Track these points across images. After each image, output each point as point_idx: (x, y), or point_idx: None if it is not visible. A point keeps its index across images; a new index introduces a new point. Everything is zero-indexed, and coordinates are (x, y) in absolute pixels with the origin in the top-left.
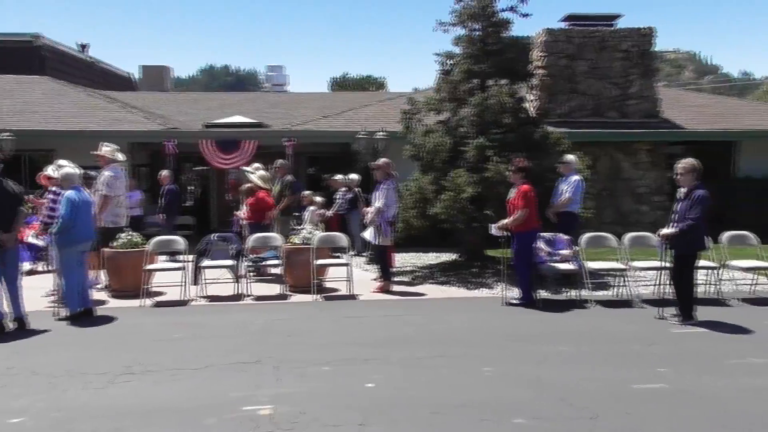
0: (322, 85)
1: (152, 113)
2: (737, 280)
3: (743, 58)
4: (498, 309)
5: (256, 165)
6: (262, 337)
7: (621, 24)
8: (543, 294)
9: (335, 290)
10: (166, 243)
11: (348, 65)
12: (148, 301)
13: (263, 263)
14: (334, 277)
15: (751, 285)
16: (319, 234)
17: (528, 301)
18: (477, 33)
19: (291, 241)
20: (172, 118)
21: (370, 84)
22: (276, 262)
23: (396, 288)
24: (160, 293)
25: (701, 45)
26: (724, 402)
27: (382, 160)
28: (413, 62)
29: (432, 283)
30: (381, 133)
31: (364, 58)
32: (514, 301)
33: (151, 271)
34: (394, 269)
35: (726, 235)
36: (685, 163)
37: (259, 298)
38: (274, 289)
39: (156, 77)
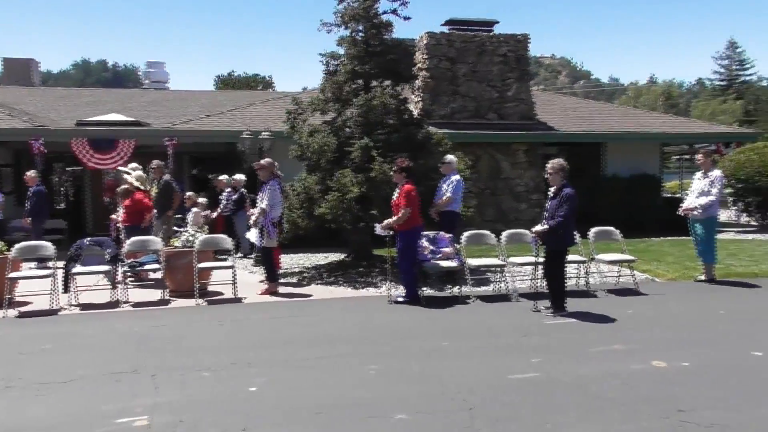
0: (207, 83)
1: (15, 109)
2: (604, 272)
3: (612, 65)
4: (383, 307)
5: (133, 165)
6: (139, 345)
7: (499, 30)
8: (427, 291)
9: (219, 294)
10: (31, 249)
11: (235, 63)
12: (12, 312)
13: (141, 268)
14: (219, 280)
15: (615, 277)
16: (202, 236)
17: (412, 299)
18: (360, 34)
19: (172, 243)
20: (39, 115)
21: (257, 83)
22: (155, 266)
23: (283, 290)
24: (26, 303)
25: (574, 52)
26: (588, 386)
27: (265, 160)
28: (303, 61)
29: (319, 283)
30: (266, 133)
31: (252, 57)
32: (399, 299)
33: (14, 279)
34: (281, 271)
35: (593, 231)
36: (554, 164)
37: (137, 304)
38: (155, 294)
39: (21, 71)
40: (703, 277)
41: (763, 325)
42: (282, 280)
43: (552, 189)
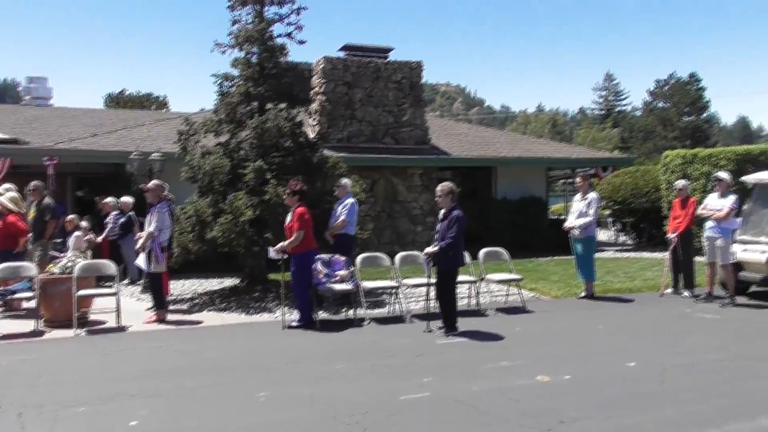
0: (96, 101)
1: None
2: (494, 291)
3: (503, 94)
4: (277, 333)
5: (6, 186)
6: (4, 380)
7: (394, 56)
8: (322, 315)
9: (101, 323)
10: None
11: (127, 82)
12: None
13: (12, 296)
14: (101, 308)
15: (504, 296)
16: (83, 261)
17: (307, 323)
18: (254, 56)
19: (49, 270)
20: None
21: (150, 102)
22: (29, 294)
23: (172, 317)
24: None
25: (468, 80)
26: (477, 403)
27: (153, 182)
28: (199, 82)
29: (211, 310)
30: (156, 154)
31: (146, 76)
32: (294, 324)
33: None
34: (170, 297)
35: (482, 252)
36: (443, 187)
37: (5, 336)
38: (27, 325)
39: None
40: (584, 294)
41: (637, 337)
42: (171, 307)
43: (442, 211)
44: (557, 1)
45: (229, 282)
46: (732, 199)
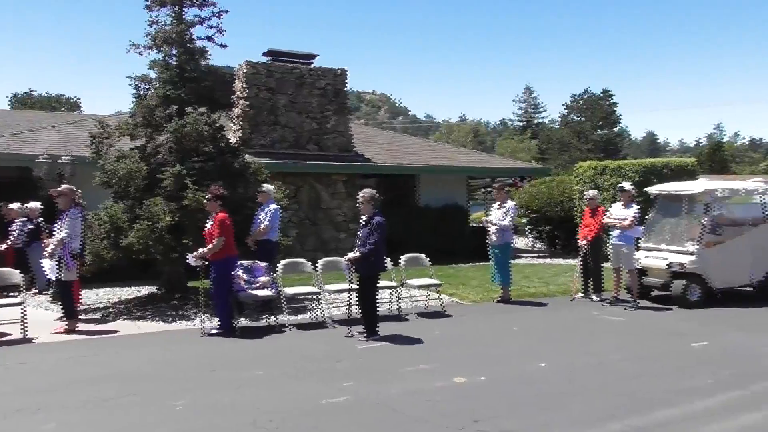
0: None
1: None
2: (414, 296)
3: (428, 103)
4: (196, 340)
5: None
6: None
7: (318, 63)
8: (243, 321)
9: (5, 335)
10: None
11: (35, 82)
12: None
13: None
14: (6, 319)
15: (425, 301)
16: None
17: (227, 330)
18: (174, 58)
19: None
20: None
21: (61, 104)
22: None
23: (84, 327)
24: None
25: (394, 89)
26: (395, 406)
27: (64, 187)
28: (115, 83)
29: (127, 318)
30: (67, 158)
31: (57, 76)
32: (213, 331)
33: None
34: (82, 306)
35: (404, 257)
36: (364, 194)
37: None
38: None
39: None
40: (500, 299)
41: (549, 339)
42: (83, 317)
43: (363, 218)
44: (480, 15)
45: (146, 290)
46: (635, 208)
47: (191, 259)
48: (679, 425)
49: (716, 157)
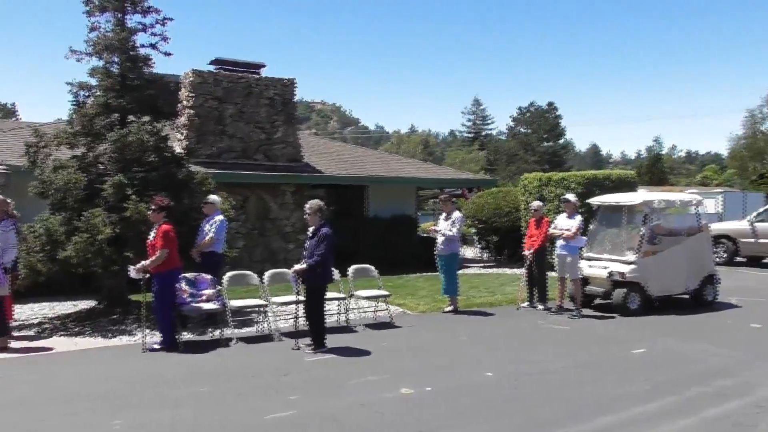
0: None
1: None
2: (363, 308)
3: (378, 113)
4: (137, 356)
5: None
6: None
7: (267, 73)
8: (186, 336)
9: None
10: None
11: None
12: None
13: None
14: None
15: (373, 312)
16: None
17: (169, 345)
18: (115, 66)
19: None
20: None
21: None
22: None
23: (16, 344)
24: None
25: (344, 99)
26: (341, 418)
27: None
28: (55, 90)
29: (63, 335)
30: (0, 167)
31: None
32: (156, 346)
33: None
34: (14, 323)
35: (352, 269)
36: (311, 205)
37: None
38: None
39: None
40: (449, 308)
41: (495, 348)
42: (15, 334)
43: (311, 229)
44: (430, 27)
45: (84, 304)
46: (579, 219)
47: (133, 271)
48: (619, 431)
49: (655, 169)
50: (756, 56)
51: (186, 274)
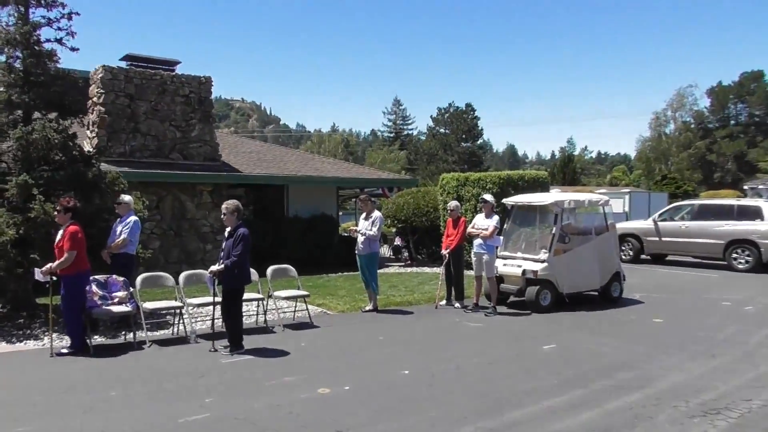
0: None
1: None
2: (282, 308)
3: (299, 112)
4: (45, 361)
5: None
6: None
7: (182, 70)
8: (97, 339)
9: None
10: None
11: None
12: None
13: None
14: None
15: (292, 312)
16: None
17: (79, 349)
18: (18, 61)
19: None
20: None
21: None
22: None
23: None
24: None
25: (263, 97)
26: (258, 420)
27: None
28: None
29: None
30: None
31: None
32: (64, 351)
33: None
34: None
35: (270, 269)
36: (228, 205)
37: None
38: None
39: None
40: (368, 308)
41: (413, 346)
42: None
43: (228, 229)
44: (351, 26)
45: None
46: (496, 219)
47: (38, 274)
48: (527, 425)
49: (567, 169)
50: (663, 59)
51: (96, 276)
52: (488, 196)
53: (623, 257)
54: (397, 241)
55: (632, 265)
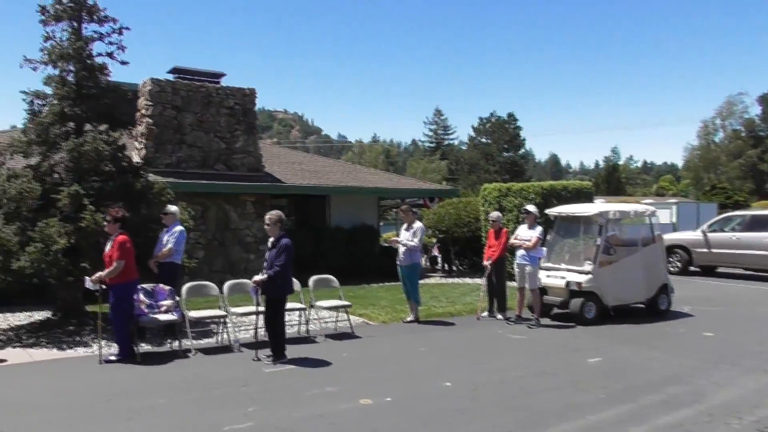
0: None
1: None
2: (324, 318)
3: (340, 123)
4: (93, 368)
5: None
6: None
7: (227, 82)
8: (144, 347)
9: None
10: None
11: None
12: None
13: None
14: None
15: (334, 322)
16: None
17: (127, 357)
18: (71, 75)
19: None
20: None
21: None
22: None
23: None
24: None
25: (306, 108)
26: (298, 429)
27: None
28: (9, 96)
29: (17, 346)
30: None
31: None
32: (112, 358)
33: None
34: None
35: (312, 279)
36: (271, 215)
37: None
38: None
39: None
40: (410, 318)
41: (454, 358)
42: None
43: (271, 239)
44: (393, 36)
45: (40, 315)
46: (539, 230)
47: (89, 282)
48: None
49: (612, 179)
50: (712, 66)
51: (144, 285)
52: (531, 207)
53: (671, 269)
54: (434, 252)
55: (681, 278)
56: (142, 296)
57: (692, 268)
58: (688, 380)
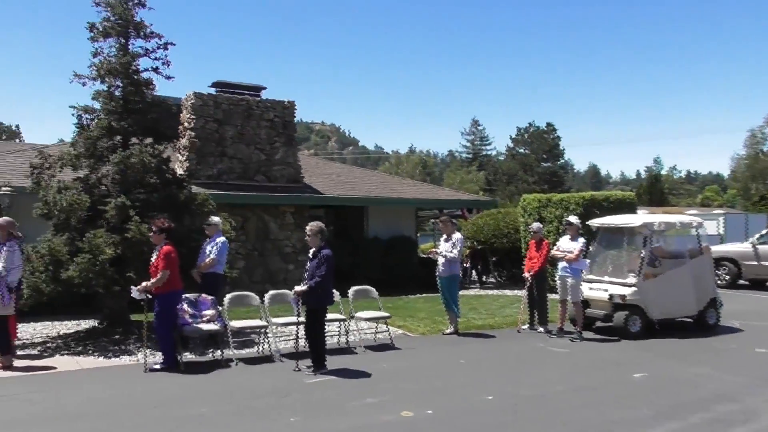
0: None
1: None
2: (363, 329)
3: (377, 134)
4: (138, 376)
5: None
6: None
7: (266, 95)
8: (187, 356)
9: None
10: None
11: None
12: None
13: None
14: None
15: (373, 333)
16: None
17: (171, 365)
18: (118, 90)
19: None
20: None
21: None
22: None
23: (19, 363)
24: None
25: (343, 119)
26: None
27: (2, 219)
28: (58, 112)
29: (65, 354)
30: (5, 189)
31: None
32: (157, 366)
33: None
34: (18, 342)
35: (352, 290)
36: (312, 226)
37: None
38: None
39: None
40: (449, 331)
41: (495, 371)
42: (19, 353)
43: (311, 250)
44: (429, 47)
45: (86, 324)
46: (581, 241)
47: (135, 292)
48: None
49: (655, 189)
50: (760, 73)
51: (187, 295)
52: (573, 218)
53: (719, 282)
54: (465, 263)
55: (729, 291)
56: (186, 306)
57: (741, 282)
58: (739, 398)
